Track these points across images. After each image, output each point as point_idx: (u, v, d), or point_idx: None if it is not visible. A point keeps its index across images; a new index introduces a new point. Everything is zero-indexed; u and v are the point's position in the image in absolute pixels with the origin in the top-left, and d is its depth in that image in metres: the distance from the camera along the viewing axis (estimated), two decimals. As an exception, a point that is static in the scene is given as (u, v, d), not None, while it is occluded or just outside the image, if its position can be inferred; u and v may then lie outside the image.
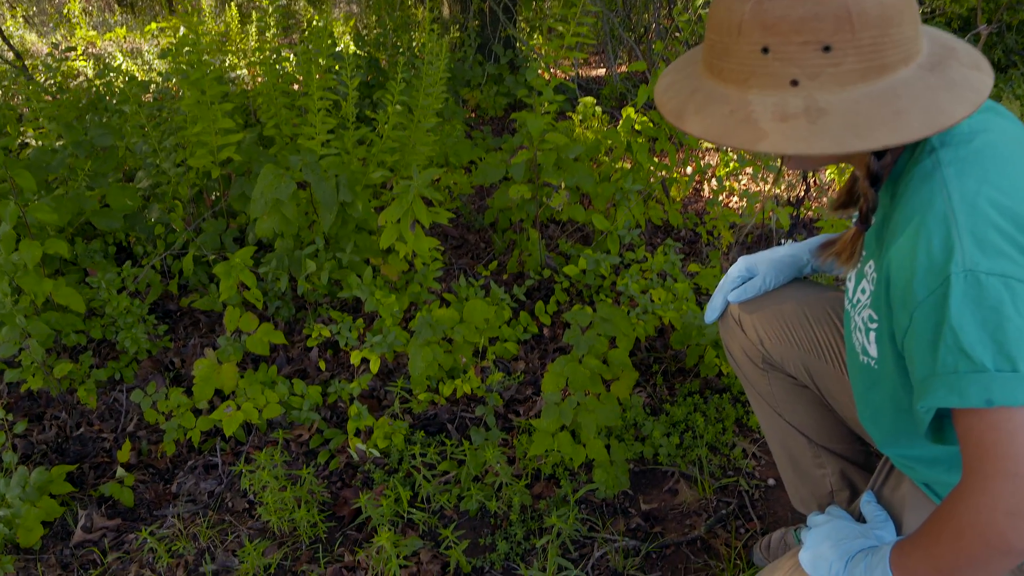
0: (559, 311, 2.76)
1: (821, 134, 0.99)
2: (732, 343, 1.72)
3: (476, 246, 3.29)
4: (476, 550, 1.93)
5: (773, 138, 1.01)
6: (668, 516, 2.00)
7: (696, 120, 1.10)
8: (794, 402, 1.68)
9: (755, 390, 1.72)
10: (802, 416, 1.68)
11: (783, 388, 1.68)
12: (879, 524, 1.33)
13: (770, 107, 1.03)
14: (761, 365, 1.67)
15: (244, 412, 2.20)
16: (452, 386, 2.34)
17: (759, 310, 1.64)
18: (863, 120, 0.99)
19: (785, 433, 1.71)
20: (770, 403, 1.70)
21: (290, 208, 2.55)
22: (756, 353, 1.67)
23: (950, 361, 0.98)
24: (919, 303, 1.01)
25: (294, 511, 1.97)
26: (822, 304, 1.60)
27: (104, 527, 2.07)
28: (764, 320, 1.64)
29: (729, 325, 1.71)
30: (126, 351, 2.55)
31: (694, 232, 3.22)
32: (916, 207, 1.05)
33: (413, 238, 2.47)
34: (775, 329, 1.62)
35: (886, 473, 1.43)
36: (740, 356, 1.71)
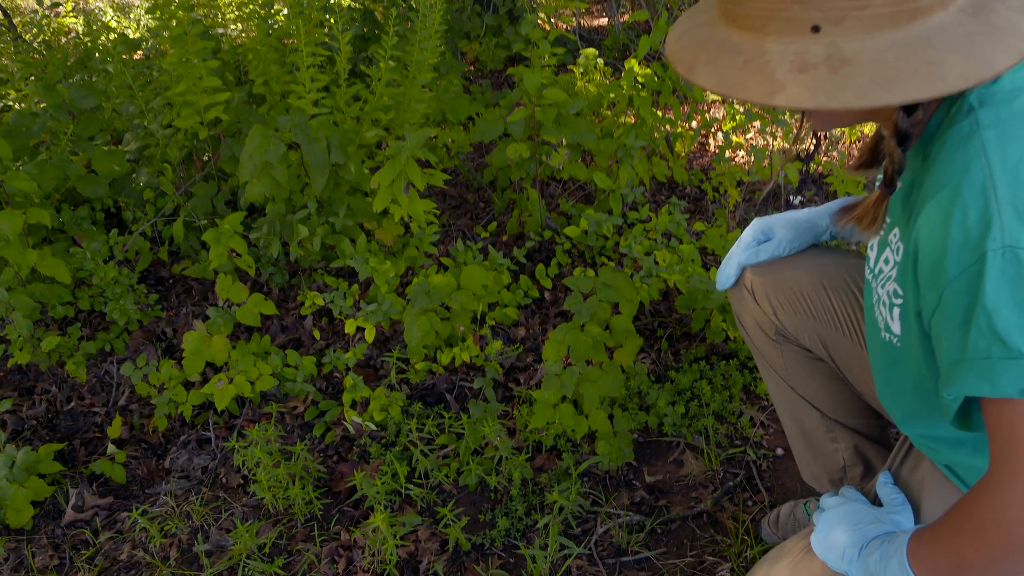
0: (560, 274, 2.67)
1: (843, 86, 0.87)
2: (743, 313, 1.63)
3: (475, 206, 3.18)
4: (476, 526, 1.86)
5: (790, 91, 0.89)
6: (673, 489, 1.93)
7: (707, 72, 0.98)
8: (808, 375, 1.59)
9: (766, 362, 1.63)
10: (816, 390, 1.60)
11: (796, 361, 1.58)
12: (896, 508, 1.25)
13: (788, 56, 0.90)
14: (774, 337, 1.58)
15: (236, 386, 2.12)
16: (450, 355, 2.26)
17: (773, 279, 1.54)
18: (891, 70, 0.87)
19: (797, 406, 1.63)
20: (782, 376, 1.61)
21: (280, 171, 2.44)
22: (769, 324, 1.57)
23: (982, 346, 0.88)
24: (950, 281, 0.91)
25: (288, 488, 1.90)
26: (840, 272, 1.50)
27: (96, 506, 2.01)
28: (778, 290, 1.54)
29: (741, 294, 1.61)
30: (116, 322, 2.47)
31: (699, 189, 3.10)
32: (950, 174, 0.94)
33: (407, 201, 2.36)
34: (789, 299, 1.52)
35: (904, 453, 1.34)
36: (751, 327, 1.62)
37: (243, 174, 2.42)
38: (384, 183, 2.33)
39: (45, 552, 1.90)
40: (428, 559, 1.77)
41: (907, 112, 1.00)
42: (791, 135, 3.02)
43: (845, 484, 1.64)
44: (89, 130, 2.79)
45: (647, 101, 2.74)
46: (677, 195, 3.11)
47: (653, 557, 1.75)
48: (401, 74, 2.83)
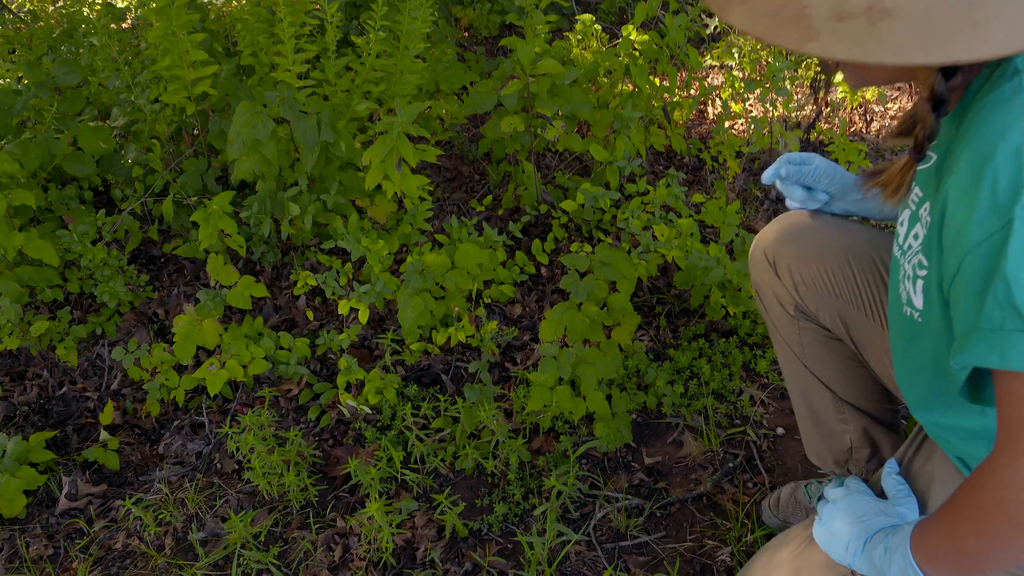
0: (557, 249, 2.61)
1: (880, 40, 0.80)
2: (762, 285, 1.57)
3: (470, 179, 3.11)
4: (473, 511, 1.83)
5: (824, 40, 0.82)
6: (672, 470, 1.89)
7: (740, 12, 0.90)
8: (823, 355, 1.54)
9: (781, 337, 1.58)
10: (830, 369, 1.55)
11: (813, 339, 1.54)
12: (901, 500, 1.21)
13: (828, 2, 0.84)
14: (792, 313, 1.53)
15: (228, 370, 2.08)
16: (445, 335, 2.21)
17: (797, 252, 1.49)
18: (933, 28, 0.80)
19: (808, 384, 1.58)
20: (796, 352, 1.57)
21: (269, 148, 2.37)
22: (788, 299, 1.52)
23: (996, 316, 0.84)
24: (972, 247, 0.86)
25: (283, 475, 1.87)
26: (867, 250, 1.44)
27: (89, 494, 1.98)
28: (802, 264, 1.48)
29: (762, 266, 1.56)
30: (106, 305, 2.42)
31: (698, 159, 3.03)
32: (985, 137, 0.88)
33: (400, 178, 2.30)
34: (813, 275, 1.47)
35: (918, 444, 1.29)
36: (770, 300, 1.56)
37: (231, 152, 2.35)
38: (376, 160, 2.26)
39: (39, 542, 1.88)
40: (425, 546, 1.74)
41: (945, 75, 0.93)
42: (791, 103, 2.94)
43: (851, 465, 1.61)
44: (74, 107, 2.71)
45: (644, 70, 2.66)
46: (675, 165, 3.04)
47: (652, 541, 1.73)
48: (392, 45, 2.74)
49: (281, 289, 2.58)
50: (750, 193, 2.77)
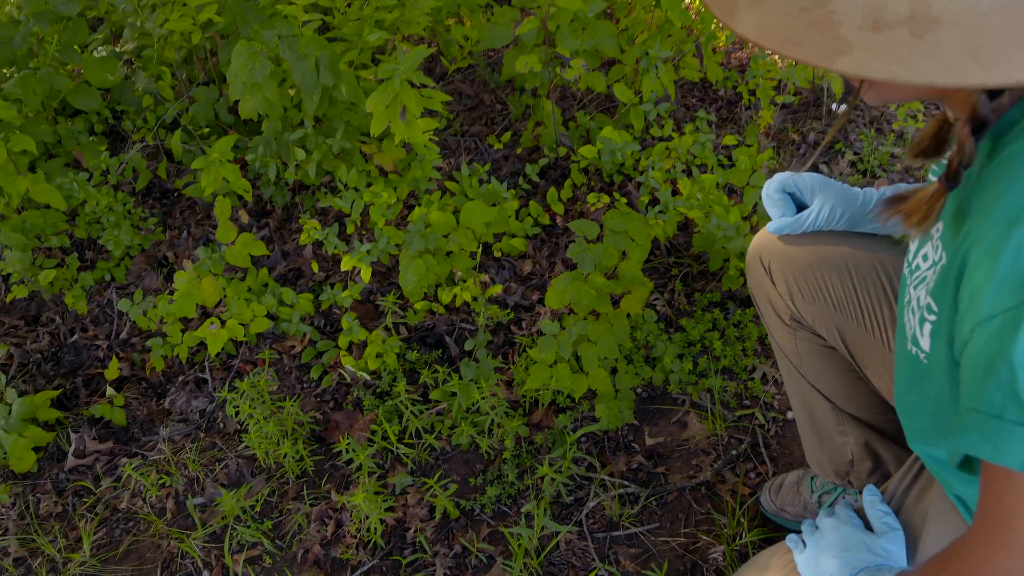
0: (575, 197, 2.46)
1: (929, 55, 0.65)
2: (758, 290, 1.46)
3: (492, 108, 2.93)
4: (467, 490, 1.80)
5: (858, 54, 0.67)
6: (673, 454, 1.82)
7: (750, 17, 0.74)
8: (821, 366, 1.43)
9: (778, 345, 1.48)
10: (828, 381, 1.44)
11: (810, 350, 1.43)
12: (887, 534, 1.12)
13: (860, 8, 0.68)
14: (788, 322, 1.42)
15: (229, 329, 2.04)
16: (451, 293, 2.13)
17: (793, 260, 1.36)
18: (993, 40, 0.64)
19: (807, 394, 1.48)
20: (794, 363, 1.46)
21: (271, 88, 2.24)
22: (784, 308, 1.41)
23: (997, 400, 0.76)
24: (984, 319, 0.77)
25: (280, 444, 1.85)
26: (871, 261, 1.31)
27: (96, 451, 2.00)
28: (798, 273, 1.36)
29: (758, 271, 1.44)
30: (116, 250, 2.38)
31: (735, 92, 2.80)
32: (1019, 190, 0.76)
33: (404, 127, 2.16)
34: (810, 286, 1.35)
35: (913, 476, 1.20)
36: (765, 307, 1.45)
37: (233, 92, 2.23)
38: (378, 109, 2.12)
39: (49, 498, 1.91)
40: (415, 526, 1.72)
41: (990, 96, 0.79)
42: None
43: (852, 477, 1.52)
44: (77, 37, 2.59)
45: (677, 1, 2.41)
46: (709, 99, 2.82)
47: (645, 533, 1.67)
48: (405, -33, 2.53)
49: (291, 232, 2.50)
50: (786, 135, 2.56)
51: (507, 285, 2.23)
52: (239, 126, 2.76)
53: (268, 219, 2.54)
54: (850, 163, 2.47)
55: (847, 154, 2.48)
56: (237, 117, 2.71)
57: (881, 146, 2.48)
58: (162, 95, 2.73)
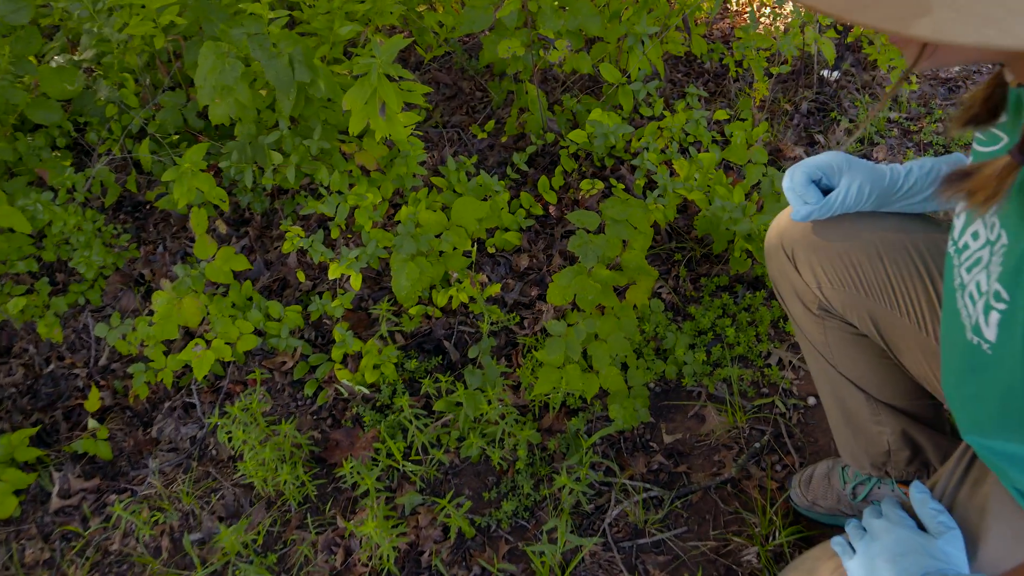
0: (566, 185, 2.33)
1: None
2: (781, 279, 1.34)
3: (471, 96, 2.79)
4: (480, 505, 1.68)
5: (940, 15, 0.54)
6: (694, 451, 1.71)
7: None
8: (853, 355, 1.32)
9: (805, 336, 1.36)
10: (861, 370, 1.33)
11: (840, 339, 1.31)
12: (943, 534, 1.01)
13: None
14: (816, 311, 1.30)
15: (215, 350, 1.89)
16: (446, 295, 1.99)
17: (818, 245, 1.24)
18: None
19: (838, 385, 1.37)
20: (823, 352, 1.35)
21: (242, 90, 2.08)
22: (811, 297, 1.29)
23: None
24: None
25: (278, 471, 1.71)
26: (902, 241, 1.20)
27: (82, 489, 1.85)
28: (824, 259, 1.24)
29: (779, 259, 1.32)
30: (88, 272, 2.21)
31: (721, 64, 2.67)
32: None
33: (385, 124, 2.01)
34: (838, 271, 1.23)
35: (965, 468, 1.09)
36: (789, 296, 1.33)
37: (202, 97, 2.07)
38: (356, 106, 1.97)
39: (35, 545, 1.76)
40: (430, 549, 1.60)
41: None
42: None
43: (889, 467, 1.41)
44: (30, 48, 2.40)
45: (659, -28, 2.28)
46: (694, 73, 2.69)
47: (672, 539, 1.56)
48: (373, -47, 2.37)
49: (272, 240, 2.35)
50: (778, 106, 2.44)
51: (504, 282, 2.10)
52: (210, 131, 2.60)
53: (247, 227, 2.39)
54: (846, 131, 2.35)
55: (842, 122, 2.36)
56: (207, 122, 2.55)
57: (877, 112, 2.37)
58: (126, 103, 2.56)
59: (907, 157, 2.21)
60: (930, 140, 2.26)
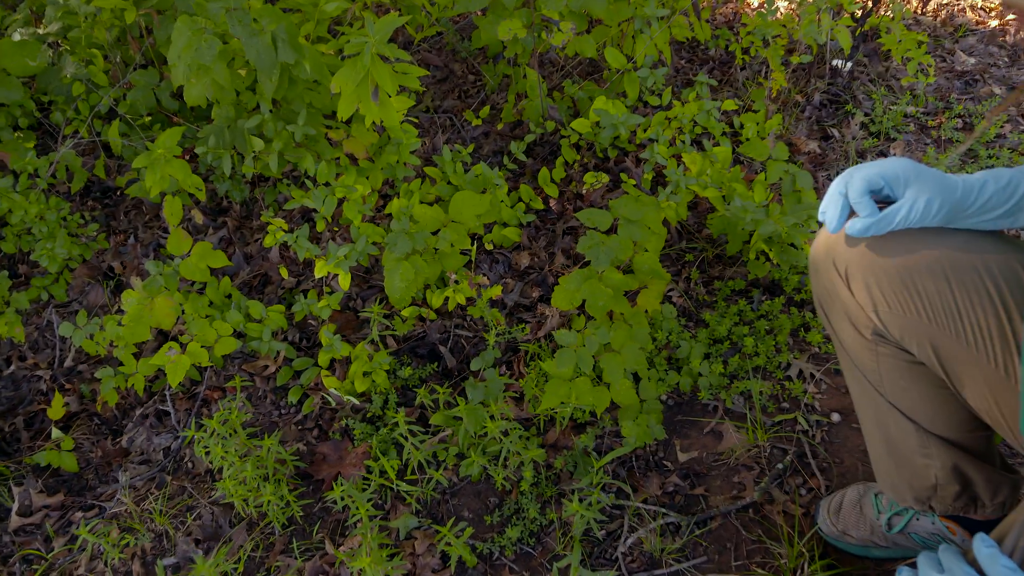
0: (568, 177, 2.15)
1: None
2: (829, 299, 1.17)
3: (464, 79, 2.59)
4: (482, 529, 1.51)
5: None
6: (712, 471, 1.55)
7: None
8: (906, 384, 1.16)
9: (852, 360, 1.20)
10: (914, 400, 1.18)
11: (894, 366, 1.15)
12: None
13: None
14: (868, 336, 1.13)
15: (191, 354, 1.70)
16: (442, 296, 1.82)
17: (878, 265, 1.07)
18: None
19: (885, 414, 1.22)
20: (871, 380, 1.19)
21: (220, 70, 1.87)
22: (864, 321, 1.12)
23: None
24: None
25: (260, 490, 1.53)
26: (972, 262, 1.03)
27: (45, 506, 1.66)
28: (884, 281, 1.07)
29: (829, 276, 1.15)
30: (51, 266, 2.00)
31: (726, 52, 2.50)
32: None
33: (377, 109, 1.82)
34: (898, 294, 1.06)
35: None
36: (839, 319, 1.17)
37: (176, 76, 1.86)
38: (347, 89, 1.77)
39: (-9, 568, 1.58)
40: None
41: None
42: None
43: (934, 502, 1.26)
44: (-15, 20, 2.17)
45: (669, -48, 2.09)
46: (699, 60, 2.51)
47: (691, 570, 1.41)
48: (362, -76, 2.16)
49: (252, 232, 2.15)
50: (789, 97, 2.28)
51: (503, 282, 1.92)
52: (186, 112, 2.38)
53: (225, 217, 2.19)
54: (861, 125, 2.19)
55: (857, 115, 2.21)
56: (182, 103, 2.33)
57: (894, 105, 2.21)
58: (95, 81, 2.33)
59: (926, 156, 2.06)
60: (950, 136, 2.11)
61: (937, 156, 2.03)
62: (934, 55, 2.39)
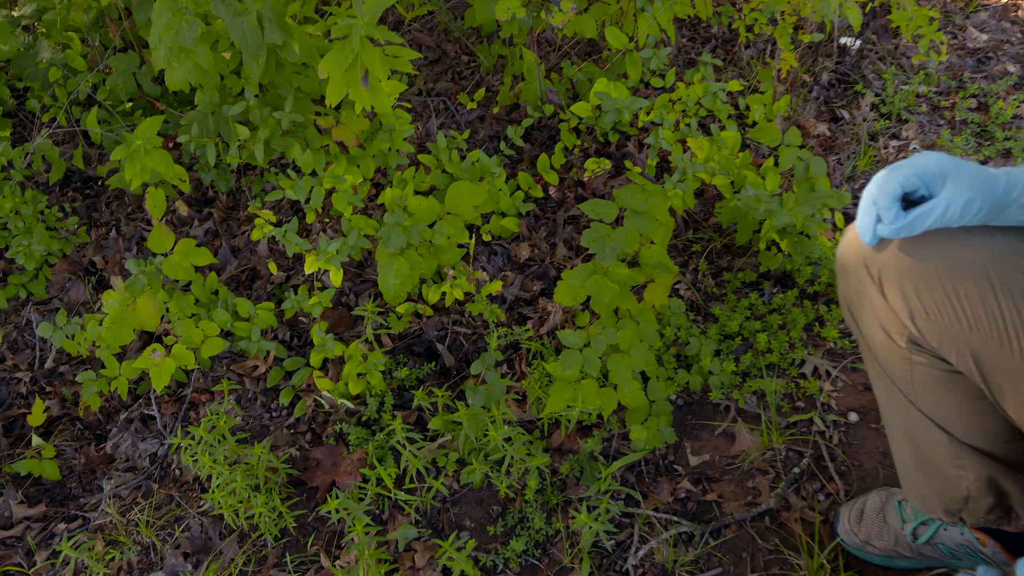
0: (568, 163, 2.04)
1: None
2: (859, 303, 1.07)
3: (457, 60, 2.46)
4: (485, 540, 1.42)
5: None
6: (724, 475, 1.46)
7: None
8: (941, 394, 1.07)
9: (882, 368, 1.10)
10: (948, 410, 1.08)
11: (928, 376, 1.05)
12: None
13: None
14: (903, 344, 1.03)
15: (176, 357, 1.59)
16: (438, 291, 1.71)
17: (915, 269, 0.97)
18: None
19: (916, 424, 1.12)
20: (903, 389, 1.09)
21: (203, 54, 1.75)
22: (898, 328, 1.02)
23: None
24: None
25: (251, 500, 1.43)
26: (1017, 263, 0.93)
27: (26, 517, 1.56)
28: (921, 284, 0.97)
29: (860, 278, 1.04)
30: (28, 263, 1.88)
31: (729, 30, 2.37)
32: None
33: (368, 94, 1.69)
34: (937, 300, 0.96)
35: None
36: (870, 324, 1.07)
37: (156, 60, 1.74)
38: (335, 74, 1.65)
39: (-31, 585, 1.48)
40: (429, 595, 1.34)
41: None
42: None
43: (965, 515, 1.17)
44: (-47, 2, 2.03)
45: (673, -75, 1.96)
46: (701, 39, 2.39)
47: (706, 583, 1.32)
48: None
49: (239, 223, 2.03)
50: (796, 77, 2.16)
51: (502, 275, 1.82)
52: (168, 98, 2.25)
53: (211, 208, 2.07)
54: (871, 106, 2.08)
55: (867, 95, 2.09)
56: (165, 87, 2.20)
57: (905, 84, 2.10)
58: (72, 66, 2.20)
59: (940, 139, 1.95)
60: (964, 118, 2.00)
61: (952, 138, 1.92)
62: (945, 31, 2.27)
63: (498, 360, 1.55)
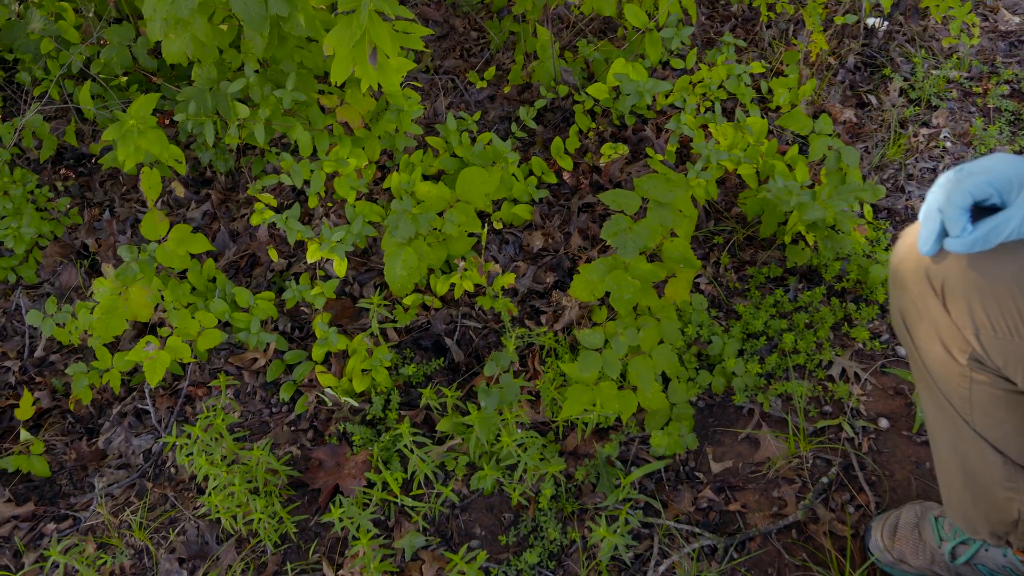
0: (583, 147, 1.91)
1: None
2: (918, 317, 0.95)
3: (466, 37, 2.32)
4: (496, 550, 1.32)
5: None
6: (748, 483, 1.36)
7: None
8: (1002, 416, 0.96)
9: (936, 384, 0.99)
10: (1006, 431, 0.98)
11: (989, 396, 0.95)
12: None
13: None
14: (963, 361, 0.92)
15: (171, 350, 1.48)
16: (447, 283, 1.59)
17: (983, 284, 0.86)
18: None
19: (968, 443, 1.01)
20: (958, 408, 0.98)
21: (201, 25, 1.62)
22: (961, 345, 0.91)
23: None
24: None
25: (250, 505, 1.33)
26: None
27: (13, 516, 1.46)
28: (989, 300, 0.86)
29: (920, 290, 0.93)
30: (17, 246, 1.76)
31: (750, 8, 2.23)
32: None
33: (376, 72, 1.56)
34: (1007, 317, 0.85)
35: None
36: (927, 338, 0.95)
37: (151, 32, 1.61)
38: (341, 50, 1.51)
39: (-46, 588, 1.38)
40: (437, 609, 1.25)
41: None
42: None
43: (1013, 537, 1.07)
44: (-63, -33, 1.88)
45: None
46: (720, 17, 2.24)
47: (731, 600, 1.23)
48: None
49: (238, 205, 1.91)
50: (822, 59, 2.02)
51: (514, 265, 1.70)
52: (165, 71, 2.11)
53: (209, 189, 1.94)
54: (900, 90, 1.95)
55: (895, 80, 1.96)
56: (161, 60, 2.06)
57: (935, 69, 1.96)
58: (65, 38, 2.05)
59: (973, 128, 1.83)
60: (998, 105, 1.88)
61: (985, 127, 1.80)
62: (976, 13, 2.14)
63: (512, 360, 1.44)
